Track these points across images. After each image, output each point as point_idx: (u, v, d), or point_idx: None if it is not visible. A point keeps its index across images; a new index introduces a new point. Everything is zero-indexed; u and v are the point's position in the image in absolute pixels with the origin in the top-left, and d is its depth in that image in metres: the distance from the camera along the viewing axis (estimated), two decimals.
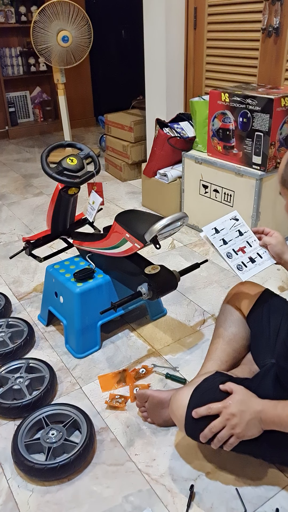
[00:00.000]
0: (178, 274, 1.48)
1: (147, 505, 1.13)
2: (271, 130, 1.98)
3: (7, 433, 1.33)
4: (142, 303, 1.73)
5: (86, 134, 4.75)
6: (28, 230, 2.60)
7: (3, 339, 1.63)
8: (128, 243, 1.42)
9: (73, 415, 1.30)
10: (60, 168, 1.56)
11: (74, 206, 1.74)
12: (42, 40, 3.28)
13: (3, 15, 4.27)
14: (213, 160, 2.28)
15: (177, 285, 1.47)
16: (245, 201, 2.16)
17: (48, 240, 1.80)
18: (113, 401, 1.41)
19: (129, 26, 4.63)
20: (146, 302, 1.73)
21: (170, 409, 1.16)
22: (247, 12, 2.45)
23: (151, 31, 2.85)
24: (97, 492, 1.16)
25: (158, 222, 1.31)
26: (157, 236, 1.34)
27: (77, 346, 1.61)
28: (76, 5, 3.24)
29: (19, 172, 3.63)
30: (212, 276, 2.08)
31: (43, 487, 1.18)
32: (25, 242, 1.80)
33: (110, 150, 3.46)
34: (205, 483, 1.17)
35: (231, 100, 2.10)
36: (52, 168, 1.56)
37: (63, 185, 1.60)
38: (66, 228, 1.78)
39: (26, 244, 1.79)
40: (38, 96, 4.83)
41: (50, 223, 1.74)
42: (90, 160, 1.66)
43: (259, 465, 1.21)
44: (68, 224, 1.78)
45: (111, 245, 1.51)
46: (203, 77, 2.86)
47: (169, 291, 1.46)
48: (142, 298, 1.41)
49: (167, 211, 2.67)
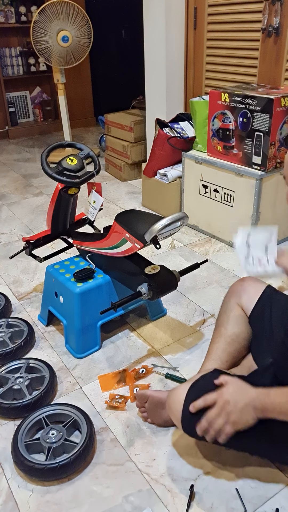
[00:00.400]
0: (178, 274, 1.48)
1: (147, 505, 1.13)
2: (271, 130, 1.98)
3: (7, 433, 1.33)
4: (142, 303, 1.73)
5: (86, 134, 4.75)
6: (28, 230, 2.60)
7: (3, 339, 1.63)
8: (128, 243, 1.42)
9: (73, 415, 1.30)
10: (60, 168, 1.56)
11: (74, 206, 1.74)
12: (42, 40, 3.28)
13: (3, 15, 4.27)
14: (213, 160, 2.28)
15: (177, 285, 1.47)
16: (245, 201, 2.16)
17: (48, 240, 1.80)
18: (113, 401, 1.41)
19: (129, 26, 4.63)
20: (146, 302, 1.73)
21: (167, 405, 1.16)
22: (247, 12, 2.45)
23: (151, 31, 2.85)
24: (97, 492, 1.16)
25: (158, 222, 1.31)
26: (157, 236, 1.34)
27: (77, 346, 1.61)
28: (76, 5, 3.24)
29: (19, 172, 3.63)
30: (212, 276, 2.08)
31: (43, 487, 1.18)
32: (25, 242, 1.80)
33: (110, 150, 3.46)
34: (205, 483, 1.17)
35: (231, 100, 2.10)
36: (52, 168, 1.56)
37: (63, 185, 1.60)
38: (66, 228, 1.78)
39: (26, 244, 1.80)
40: (38, 96, 4.83)
41: (50, 223, 1.74)
42: (90, 160, 1.66)
43: (259, 465, 1.21)
44: (68, 224, 1.78)
45: (111, 245, 1.51)
46: (203, 77, 2.86)
47: (169, 291, 1.46)
48: (142, 298, 1.41)
49: (167, 211, 2.67)
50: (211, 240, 2.42)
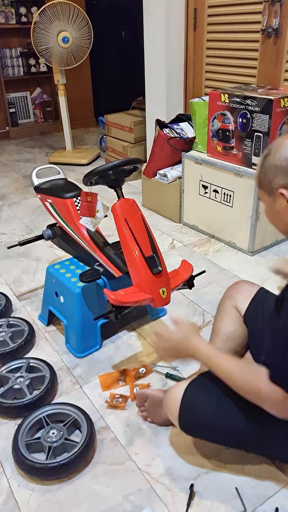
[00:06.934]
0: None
1: (147, 504, 1.13)
2: (271, 130, 1.98)
3: (8, 433, 1.33)
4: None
5: (86, 134, 4.75)
6: (29, 231, 2.61)
7: (4, 339, 1.63)
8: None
9: (74, 415, 1.30)
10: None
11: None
12: (43, 41, 3.28)
13: (4, 16, 4.28)
14: (212, 160, 2.29)
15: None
16: (245, 201, 2.16)
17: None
18: (113, 401, 1.41)
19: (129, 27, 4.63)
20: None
21: (164, 403, 1.17)
22: (246, 13, 2.46)
23: (151, 32, 2.85)
24: (97, 491, 1.17)
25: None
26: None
27: (77, 346, 1.61)
28: (76, 6, 3.25)
29: (20, 172, 3.63)
30: (212, 276, 2.09)
31: (43, 486, 1.18)
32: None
33: (110, 150, 3.47)
34: (205, 482, 1.17)
35: (230, 101, 2.10)
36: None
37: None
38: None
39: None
40: (39, 97, 4.84)
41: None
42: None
43: (259, 464, 1.21)
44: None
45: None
46: (203, 77, 2.87)
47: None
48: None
49: (167, 211, 2.67)
50: (210, 240, 2.42)
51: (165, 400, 1.16)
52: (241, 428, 1.06)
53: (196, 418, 1.08)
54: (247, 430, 1.06)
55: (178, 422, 1.12)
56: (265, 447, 1.11)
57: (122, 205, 1.46)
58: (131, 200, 1.50)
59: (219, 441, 1.14)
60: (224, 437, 1.11)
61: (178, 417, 1.11)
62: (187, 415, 1.10)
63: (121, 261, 1.54)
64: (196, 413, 1.08)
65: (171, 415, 1.14)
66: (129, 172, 1.54)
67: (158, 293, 1.41)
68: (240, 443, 1.11)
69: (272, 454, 1.18)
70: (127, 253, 1.43)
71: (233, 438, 1.09)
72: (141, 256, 1.40)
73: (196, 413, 1.08)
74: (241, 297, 1.34)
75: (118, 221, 1.45)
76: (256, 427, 1.05)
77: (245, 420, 1.06)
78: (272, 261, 2.18)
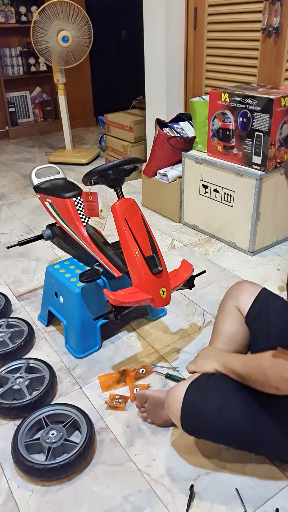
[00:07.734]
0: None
1: (147, 505, 1.13)
2: (271, 130, 1.98)
3: (7, 433, 1.33)
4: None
5: (86, 134, 4.75)
6: (28, 230, 2.60)
7: (3, 339, 1.63)
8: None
9: (73, 415, 1.30)
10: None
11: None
12: (42, 40, 3.28)
13: (3, 15, 4.27)
14: (213, 160, 2.28)
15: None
16: (245, 201, 2.16)
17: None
18: (113, 401, 1.41)
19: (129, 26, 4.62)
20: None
21: (165, 403, 1.17)
22: (247, 12, 2.45)
23: (151, 31, 2.85)
24: (97, 492, 1.16)
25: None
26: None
27: (77, 346, 1.61)
28: (76, 5, 3.24)
29: (19, 172, 3.63)
30: (212, 276, 2.08)
31: (43, 487, 1.18)
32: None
33: (110, 150, 3.47)
34: (205, 483, 1.17)
35: (231, 100, 2.10)
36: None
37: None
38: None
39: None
40: (38, 96, 4.83)
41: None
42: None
43: (259, 464, 1.21)
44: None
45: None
46: (203, 77, 2.86)
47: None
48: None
49: (167, 211, 2.67)
50: (211, 240, 2.42)
51: (167, 401, 1.15)
52: (243, 428, 1.06)
53: (198, 419, 1.08)
54: (249, 430, 1.06)
55: (180, 423, 1.12)
56: (268, 448, 1.11)
57: (122, 204, 1.46)
58: (131, 200, 1.49)
59: (222, 441, 1.14)
60: (226, 437, 1.11)
61: (181, 418, 1.11)
62: (189, 416, 1.09)
63: (121, 261, 1.54)
64: (199, 413, 1.08)
65: (173, 415, 1.13)
66: (129, 171, 1.53)
67: (158, 293, 1.40)
68: (242, 443, 1.11)
69: (274, 455, 1.17)
70: (127, 253, 1.42)
71: (235, 438, 1.09)
72: (141, 256, 1.40)
73: (199, 413, 1.08)
74: (243, 297, 1.33)
75: (118, 221, 1.45)
76: (259, 427, 1.05)
77: (248, 420, 1.05)
78: (272, 261, 2.18)
